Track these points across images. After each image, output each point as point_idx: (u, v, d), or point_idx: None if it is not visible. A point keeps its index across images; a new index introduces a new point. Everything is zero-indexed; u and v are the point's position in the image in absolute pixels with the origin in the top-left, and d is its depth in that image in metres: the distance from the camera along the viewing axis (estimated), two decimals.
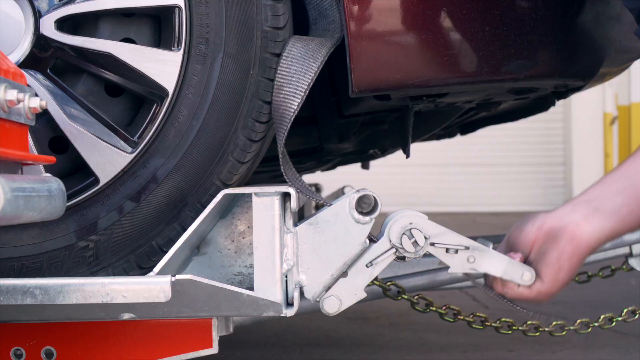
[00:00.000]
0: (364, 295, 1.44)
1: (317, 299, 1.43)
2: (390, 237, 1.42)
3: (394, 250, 1.42)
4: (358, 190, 1.42)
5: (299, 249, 1.42)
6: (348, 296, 1.43)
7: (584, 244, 1.39)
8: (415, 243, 1.41)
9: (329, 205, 1.43)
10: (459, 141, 3.60)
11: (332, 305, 1.43)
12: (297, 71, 1.45)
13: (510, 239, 1.48)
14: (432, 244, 1.42)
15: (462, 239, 1.44)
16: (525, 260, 1.44)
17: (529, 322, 1.91)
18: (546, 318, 1.78)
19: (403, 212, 1.44)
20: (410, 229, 1.41)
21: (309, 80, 1.44)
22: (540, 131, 9.74)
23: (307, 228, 1.42)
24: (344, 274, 1.43)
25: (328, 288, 1.43)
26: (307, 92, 1.44)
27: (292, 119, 1.43)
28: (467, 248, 1.43)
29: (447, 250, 1.43)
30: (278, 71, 1.46)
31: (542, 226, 1.42)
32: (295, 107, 1.43)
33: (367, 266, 1.43)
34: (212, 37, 1.45)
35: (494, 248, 1.46)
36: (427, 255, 1.44)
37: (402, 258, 1.44)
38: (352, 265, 1.43)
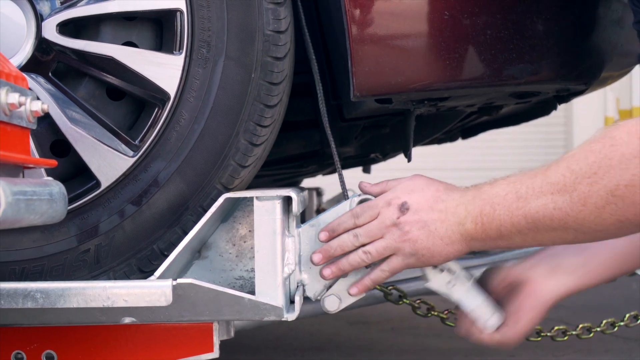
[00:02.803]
0: (363, 294, 1.46)
1: (318, 298, 1.46)
2: None
3: None
4: (359, 194, 1.44)
5: (301, 249, 1.45)
6: (348, 295, 1.45)
7: (543, 300, 1.43)
8: None
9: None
10: (460, 145, 3.60)
11: (333, 304, 1.46)
12: None
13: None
14: None
15: (454, 262, 1.44)
16: None
17: None
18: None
19: None
20: None
21: None
22: (541, 135, 9.73)
23: (309, 229, 1.45)
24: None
25: (329, 287, 1.46)
26: None
27: None
28: (452, 272, 1.44)
29: (435, 265, 1.43)
30: None
31: (506, 278, 1.47)
32: None
33: (366, 267, 1.44)
34: (214, 41, 1.44)
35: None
36: None
37: None
38: None
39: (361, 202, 1.44)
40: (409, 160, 2.12)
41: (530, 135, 9.46)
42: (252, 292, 1.37)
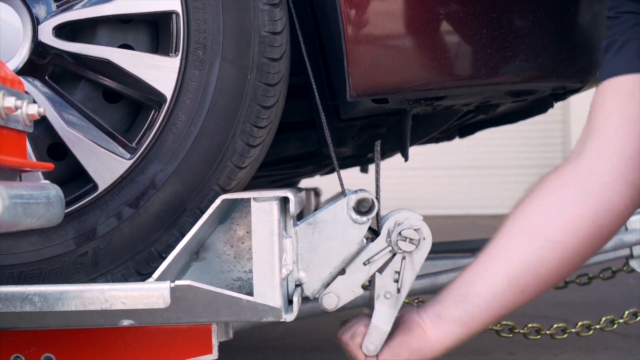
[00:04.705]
0: (361, 292, 1.48)
1: (316, 296, 1.47)
2: (387, 237, 1.46)
3: (389, 248, 1.46)
4: (356, 192, 1.44)
5: (299, 247, 1.45)
6: (346, 293, 1.47)
7: (430, 348, 1.45)
8: (410, 243, 1.45)
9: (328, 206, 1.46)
10: (457, 144, 3.60)
11: (331, 302, 1.47)
12: None
13: None
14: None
15: (408, 285, 1.47)
16: None
17: (529, 325, 1.92)
18: None
19: (400, 213, 1.47)
20: (407, 229, 1.45)
21: None
22: (539, 133, 9.73)
23: (307, 227, 1.45)
24: (342, 271, 1.47)
25: (327, 285, 1.47)
26: None
27: None
28: (399, 292, 1.47)
29: (396, 271, 1.47)
30: None
31: (408, 314, 1.49)
32: None
33: (364, 264, 1.47)
34: (210, 43, 1.44)
35: None
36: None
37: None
38: (350, 263, 1.46)
39: (359, 200, 1.44)
40: (406, 159, 2.13)
41: (528, 133, 9.46)
42: (250, 294, 1.37)
